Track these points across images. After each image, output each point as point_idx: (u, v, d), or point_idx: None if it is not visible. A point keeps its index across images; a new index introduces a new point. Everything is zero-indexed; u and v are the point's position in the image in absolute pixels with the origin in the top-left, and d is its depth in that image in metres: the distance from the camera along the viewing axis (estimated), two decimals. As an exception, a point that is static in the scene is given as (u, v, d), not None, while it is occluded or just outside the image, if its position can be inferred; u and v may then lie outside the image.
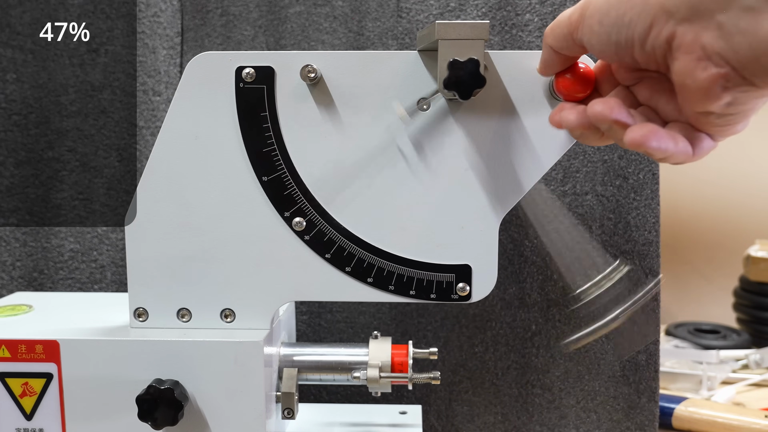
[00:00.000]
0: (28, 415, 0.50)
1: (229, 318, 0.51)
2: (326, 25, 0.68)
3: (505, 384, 0.69)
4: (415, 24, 0.67)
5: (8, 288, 0.70)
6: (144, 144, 0.69)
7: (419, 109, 0.48)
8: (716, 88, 0.32)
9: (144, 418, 0.47)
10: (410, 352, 0.54)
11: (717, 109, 0.33)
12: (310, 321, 0.70)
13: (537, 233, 0.66)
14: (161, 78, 0.68)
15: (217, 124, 0.49)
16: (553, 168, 0.66)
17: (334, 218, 0.49)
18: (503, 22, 0.66)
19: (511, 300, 0.68)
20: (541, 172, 0.49)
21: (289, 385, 0.53)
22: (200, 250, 0.50)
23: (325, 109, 0.49)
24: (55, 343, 0.49)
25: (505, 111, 0.48)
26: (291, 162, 0.49)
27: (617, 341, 0.46)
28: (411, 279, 0.50)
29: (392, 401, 0.68)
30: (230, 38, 0.68)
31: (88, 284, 0.70)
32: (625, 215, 0.67)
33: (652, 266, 0.68)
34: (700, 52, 0.31)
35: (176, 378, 0.48)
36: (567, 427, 0.69)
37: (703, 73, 0.32)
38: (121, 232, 0.69)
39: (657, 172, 0.67)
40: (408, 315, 0.69)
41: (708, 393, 0.82)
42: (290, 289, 0.51)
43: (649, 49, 0.34)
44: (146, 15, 0.68)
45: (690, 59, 0.32)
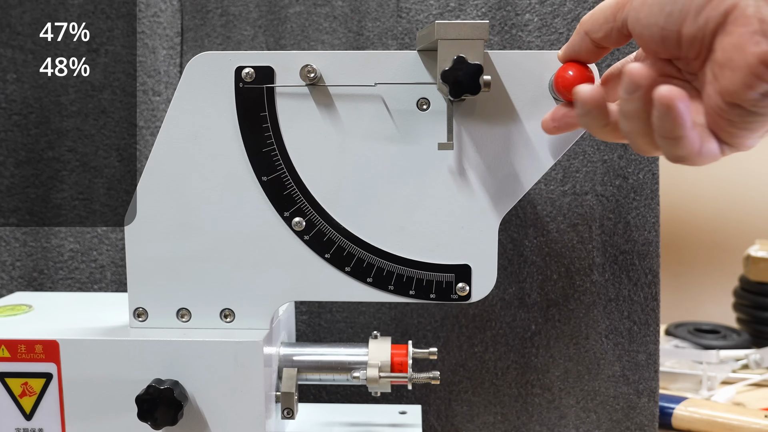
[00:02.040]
0: (27, 415, 0.50)
1: (229, 318, 0.51)
2: (326, 25, 0.68)
3: (504, 384, 0.69)
4: (415, 24, 0.67)
5: (8, 288, 0.70)
6: (144, 144, 0.69)
7: (419, 109, 0.48)
8: (762, 68, 0.31)
9: (144, 418, 0.47)
10: (410, 352, 0.54)
11: (750, 98, 0.32)
12: (310, 321, 0.70)
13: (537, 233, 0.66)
14: (161, 78, 0.68)
15: (217, 124, 0.49)
16: (553, 168, 0.66)
17: (333, 218, 0.49)
18: (503, 22, 0.66)
19: (510, 300, 0.68)
20: (541, 172, 0.49)
21: (288, 385, 0.53)
22: (200, 250, 0.50)
23: (324, 109, 0.49)
24: (55, 343, 0.49)
25: (504, 111, 0.48)
26: (290, 162, 0.49)
27: None
28: (411, 279, 0.50)
29: (392, 401, 0.68)
30: (230, 38, 0.68)
31: (88, 284, 0.70)
32: (625, 215, 0.67)
33: (652, 266, 0.68)
34: (757, 25, 0.31)
35: (176, 378, 0.48)
36: (567, 427, 0.69)
37: (755, 48, 0.31)
38: (121, 232, 0.69)
39: (657, 172, 0.67)
40: (408, 315, 0.69)
41: (708, 393, 0.82)
42: (290, 289, 0.51)
43: (702, 21, 0.33)
44: (146, 15, 0.68)
45: (743, 32, 0.32)
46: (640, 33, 0.37)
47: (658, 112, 0.34)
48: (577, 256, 0.67)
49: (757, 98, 0.32)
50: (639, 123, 0.36)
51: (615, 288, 0.68)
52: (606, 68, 0.46)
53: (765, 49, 0.31)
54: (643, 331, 0.68)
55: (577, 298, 0.68)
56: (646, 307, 0.68)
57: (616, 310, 0.68)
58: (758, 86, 0.32)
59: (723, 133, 0.35)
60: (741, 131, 0.35)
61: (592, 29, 0.40)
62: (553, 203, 0.67)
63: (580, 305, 0.68)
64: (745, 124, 0.34)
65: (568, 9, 0.66)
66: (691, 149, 0.35)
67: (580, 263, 0.68)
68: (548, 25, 0.66)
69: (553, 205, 0.67)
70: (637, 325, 0.68)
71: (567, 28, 0.66)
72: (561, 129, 0.44)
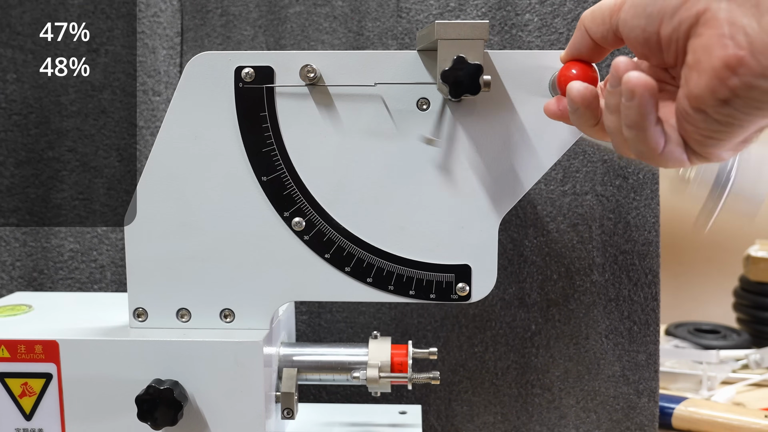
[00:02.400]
0: (27, 415, 0.50)
1: (229, 318, 0.51)
2: (326, 25, 0.68)
3: (504, 384, 0.69)
4: (414, 24, 0.67)
5: (8, 288, 0.70)
6: (144, 144, 0.69)
7: (418, 109, 0.48)
8: (726, 72, 0.31)
9: (143, 418, 0.47)
10: (410, 352, 0.54)
11: (713, 105, 0.32)
12: (310, 321, 0.70)
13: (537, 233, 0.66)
14: (161, 78, 0.68)
15: (217, 124, 0.49)
16: (553, 168, 0.66)
17: (333, 218, 0.49)
18: (503, 22, 0.66)
19: (510, 300, 0.68)
20: (541, 172, 0.49)
21: (288, 385, 0.53)
22: (200, 250, 0.50)
23: (324, 109, 0.49)
24: (55, 344, 0.49)
25: (504, 111, 0.48)
26: (290, 162, 0.49)
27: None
28: (410, 279, 0.50)
29: (392, 401, 0.68)
30: (230, 38, 0.68)
31: (88, 284, 0.70)
32: (625, 215, 0.67)
33: (652, 266, 0.68)
34: (726, 28, 0.31)
35: (176, 378, 0.48)
36: (567, 427, 0.69)
37: (721, 51, 0.31)
38: (120, 232, 0.69)
39: (657, 172, 0.67)
40: (408, 315, 0.69)
41: (708, 393, 0.82)
42: (290, 289, 0.51)
43: (676, 22, 0.33)
44: (146, 15, 0.68)
45: (713, 35, 0.32)
46: (627, 35, 0.37)
47: (624, 97, 0.34)
48: (577, 256, 0.67)
49: (719, 104, 0.32)
50: (618, 119, 0.37)
51: (615, 288, 0.68)
52: (607, 68, 0.46)
53: (731, 53, 0.31)
54: (643, 331, 0.68)
55: (577, 298, 0.68)
56: (646, 307, 0.68)
57: (616, 310, 0.68)
58: (721, 91, 0.32)
59: (690, 140, 0.35)
60: (707, 140, 0.34)
61: (591, 27, 0.40)
62: (553, 203, 0.67)
63: (580, 305, 0.68)
64: (710, 132, 0.34)
65: (568, 9, 0.66)
66: (652, 145, 0.35)
67: (580, 263, 0.67)
68: (548, 25, 0.66)
69: (553, 205, 0.67)
70: (637, 325, 0.68)
71: (567, 28, 0.66)
72: (562, 118, 0.44)
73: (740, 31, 0.31)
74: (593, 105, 0.39)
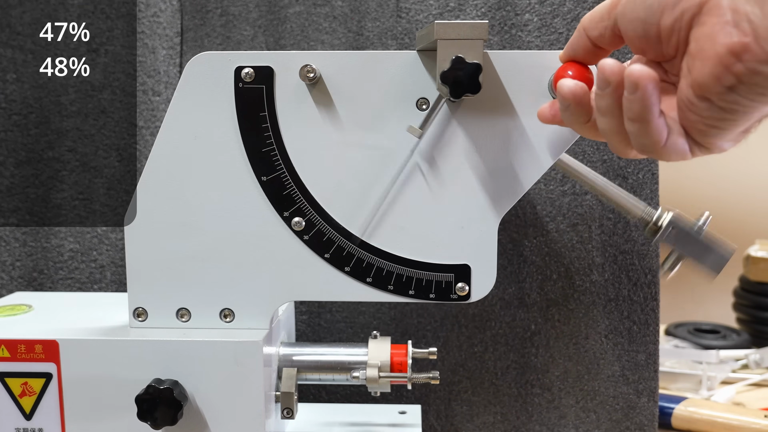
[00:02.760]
0: (27, 414, 0.50)
1: (229, 318, 0.51)
2: (326, 25, 0.68)
3: (504, 384, 0.69)
4: (414, 24, 0.67)
5: (8, 288, 0.70)
6: (144, 144, 0.69)
7: (418, 109, 0.48)
8: (731, 59, 0.32)
9: (143, 418, 0.47)
10: (409, 352, 0.54)
11: (718, 90, 0.33)
12: (310, 321, 0.70)
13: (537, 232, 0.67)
14: (161, 78, 0.68)
15: (217, 124, 0.49)
16: (553, 168, 0.66)
17: (333, 218, 0.49)
18: (503, 22, 0.66)
19: (510, 300, 0.68)
20: (541, 172, 0.49)
21: (288, 385, 0.53)
22: (200, 250, 0.50)
23: (324, 109, 0.49)
24: (55, 343, 0.49)
25: (504, 111, 0.48)
26: (290, 162, 0.49)
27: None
28: (410, 279, 0.50)
29: (391, 401, 0.68)
30: (230, 38, 0.68)
31: (88, 284, 0.70)
32: (624, 215, 0.67)
33: (652, 266, 0.68)
34: (729, 15, 0.31)
35: (175, 378, 0.48)
36: (566, 427, 0.69)
37: (725, 39, 0.32)
38: (120, 232, 0.69)
39: (657, 172, 0.67)
40: (407, 315, 0.69)
41: (708, 393, 0.82)
42: (289, 289, 0.51)
43: (678, 12, 0.34)
44: (146, 15, 0.68)
45: (716, 23, 0.32)
46: (625, 29, 0.38)
47: (627, 91, 0.34)
48: (577, 256, 0.67)
49: (724, 91, 0.32)
50: (612, 120, 0.37)
51: (615, 288, 0.68)
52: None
53: (735, 40, 0.31)
54: (642, 331, 0.68)
55: (576, 298, 0.68)
56: (645, 307, 0.68)
57: (615, 310, 0.68)
58: (726, 78, 0.32)
59: (693, 130, 0.36)
60: (711, 129, 0.35)
61: (589, 27, 0.40)
62: (553, 203, 0.67)
63: (579, 305, 0.68)
64: (714, 121, 0.34)
65: (568, 9, 0.66)
66: (655, 137, 0.35)
67: (580, 263, 0.68)
68: (548, 25, 0.66)
69: (553, 205, 0.67)
70: (637, 325, 0.68)
71: (567, 28, 0.66)
72: (555, 121, 0.44)
73: (744, 18, 0.31)
74: (584, 101, 0.39)
